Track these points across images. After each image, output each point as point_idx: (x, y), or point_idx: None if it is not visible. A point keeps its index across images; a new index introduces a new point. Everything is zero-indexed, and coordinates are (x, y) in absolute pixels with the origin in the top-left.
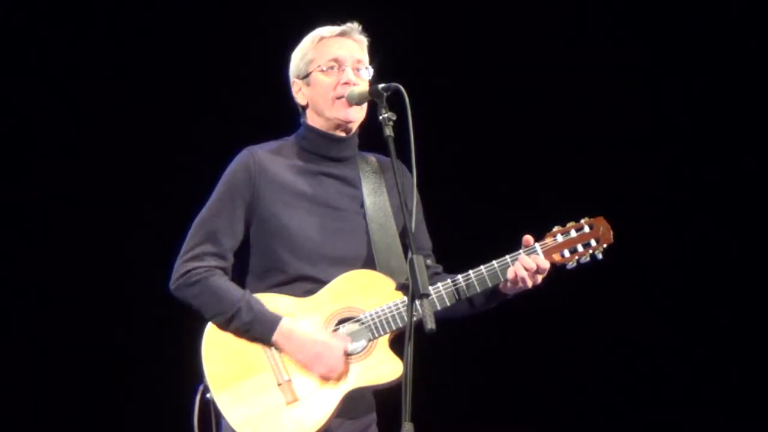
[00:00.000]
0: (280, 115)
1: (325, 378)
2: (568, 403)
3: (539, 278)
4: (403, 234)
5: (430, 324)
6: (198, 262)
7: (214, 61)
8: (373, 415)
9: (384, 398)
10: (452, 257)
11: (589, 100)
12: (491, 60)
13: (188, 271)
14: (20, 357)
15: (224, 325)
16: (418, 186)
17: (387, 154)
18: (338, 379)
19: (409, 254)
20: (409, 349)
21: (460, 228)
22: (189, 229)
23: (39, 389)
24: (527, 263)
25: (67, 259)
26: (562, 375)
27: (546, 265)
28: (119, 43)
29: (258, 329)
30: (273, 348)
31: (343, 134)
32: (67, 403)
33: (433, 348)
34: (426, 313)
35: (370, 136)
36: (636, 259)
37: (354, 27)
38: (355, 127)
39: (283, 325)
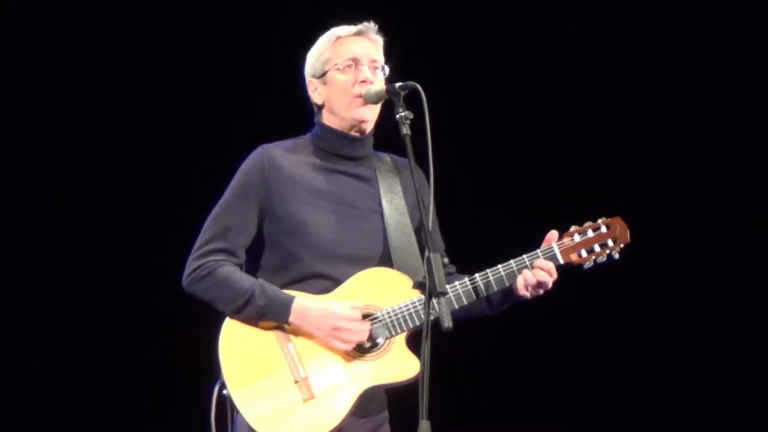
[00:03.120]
0: (296, 114)
1: (345, 349)
2: (583, 402)
3: (549, 281)
4: (419, 233)
5: (447, 322)
6: (207, 257)
7: (230, 59)
8: (386, 413)
9: (396, 396)
10: (469, 257)
11: (606, 100)
12: (506, 59)
13: (198, 266)
14: (35, 356)
15: (238, 313)
16: (435, 185)
17: (403, 153)
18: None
19: (426, 252)
20: (426, 348)
21: (477, 228)
22: (203, 225)
23: (55, 388)
24: (536, 271)
25: (83, 257)
26: (577, 373)
27: (549, 265)
28: (137, 41)
29: (273, 312)
30: (290, 344)
31: (357, 134)
32: (84, 401)
33: (449, 346)
34: (443, 311)
35: (385, 136)
36: (653, 259)
37: (370, 26)
38: (369, 127)
39: (296, 305)
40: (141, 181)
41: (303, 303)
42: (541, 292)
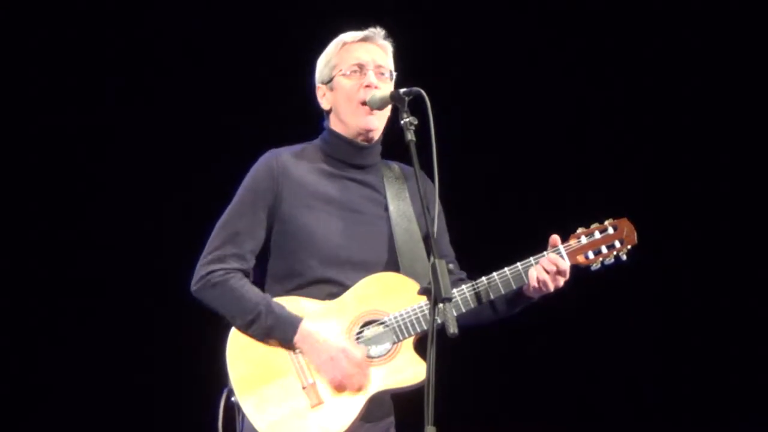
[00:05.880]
0: (305, 119)
1: (340, 385)
2: (591, 405)
3: (561, 281)
4: (426, 240)
5: (453, 328)
6: (218, 264)
7: (240, 63)
8: (392, 419)
9: (402, 401)
10: (476, 261)
11: (612, 102)
12: (509, 63)
13: (209, 273)
14: (42, 363)
15: (245, 328)
16: (440, 191)
17: (409, 159)
18: (357, 385)
19: (431, 259)
20: (431, 353)
21: (484, 231)
22: (212, 230)
23: (62, 394)
24: (548, 265)
25: (90, 262)
26: (585, 377)
27: (566, 266)
28: (143, 43)
29: (279, 332)
30: (298, 350)
31: (365, 142)
32: (91, 409)
33: (455, 352)
34: (448, 317)
35: (393, 144)
36: (659, 260)
37: (377, 32)
38: (376, 135)
39: (303, 327)
40: (150, 186)
41: (310, 328)
42: (552, 288)
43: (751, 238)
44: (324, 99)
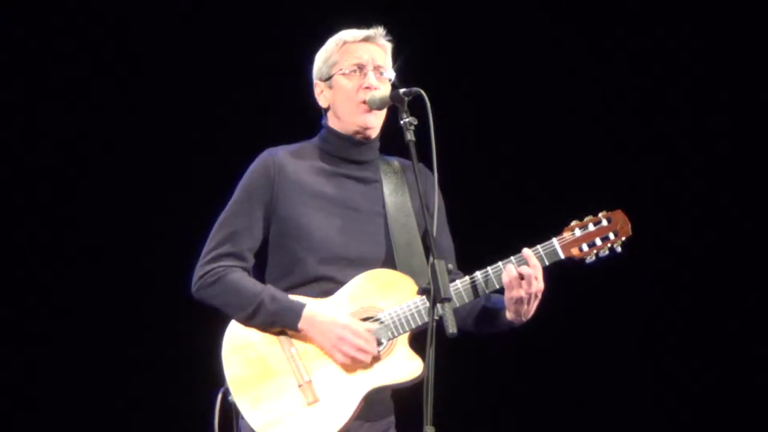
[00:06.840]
0: (305, 118)
1: (352, 361)
2: (589, 405)
3: (533, 287)
4: (425, 236)
5: (452, 328)
6: (216, 263)
7: (237, 61)
8: (392, 418)
9: (402, 401)
10: (474, 256)
11: (604, 93)
12: (510, 61)
13: (207, 272)
14: (38, 362)
15: (248, 319)
16: (440, 187)
17: (409, 158)
18: (369, 358)
19: (431, 259)
20: (430, 353)
21: (482, 228)
22: (210, 230)
23: (58, 394)
24: (511, 271)
25: (88, 262)
26: (582, 375)
27: (529, 271)
28: (142, 42)
29: (283, 318)
30: (293, 349)
31: (362, 139)
32: (87, 409)
33: (453, 350)
34: (447, 317)
35: (393, 140)
36: (655, 251)
37: (378, 32)
38: (374, 133)
39: (306, 312)
40: (148, 186)
41: (313, 310)
42: (532, 289)
43: (751, 235)
44: (322, 96)
